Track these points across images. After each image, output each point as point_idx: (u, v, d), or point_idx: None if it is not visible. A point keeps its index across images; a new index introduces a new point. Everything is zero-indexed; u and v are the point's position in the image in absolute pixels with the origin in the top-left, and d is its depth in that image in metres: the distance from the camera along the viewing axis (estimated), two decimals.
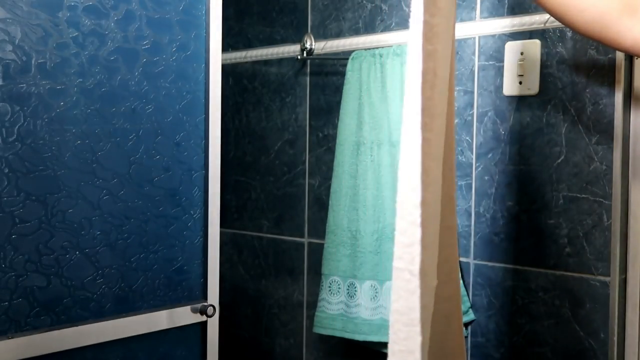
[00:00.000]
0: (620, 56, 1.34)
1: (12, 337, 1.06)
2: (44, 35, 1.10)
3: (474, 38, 1.56)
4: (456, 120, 1.60)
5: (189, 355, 1.34)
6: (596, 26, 1.00)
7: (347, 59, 1.71)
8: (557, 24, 1.43)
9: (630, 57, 1.35)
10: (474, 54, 1.56)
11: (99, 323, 1.18)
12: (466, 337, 1.59)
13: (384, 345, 1.62)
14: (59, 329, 1.12)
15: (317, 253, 1.87)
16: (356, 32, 1.78)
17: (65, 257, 1.14)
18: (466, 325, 1.59)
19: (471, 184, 1.57)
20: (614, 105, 1.36)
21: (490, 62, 1.54)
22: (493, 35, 1.53)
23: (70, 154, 1.14)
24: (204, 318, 1.34)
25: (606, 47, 1.26)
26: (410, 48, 0.79)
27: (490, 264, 1.55)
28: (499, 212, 1.53)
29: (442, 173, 0.88)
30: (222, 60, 1.63)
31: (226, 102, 2.04)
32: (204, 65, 1.33)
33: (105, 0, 1.18)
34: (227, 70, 2.09)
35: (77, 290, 1.16)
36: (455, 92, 1.60)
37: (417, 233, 0.76)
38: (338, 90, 1.79)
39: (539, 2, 1.04)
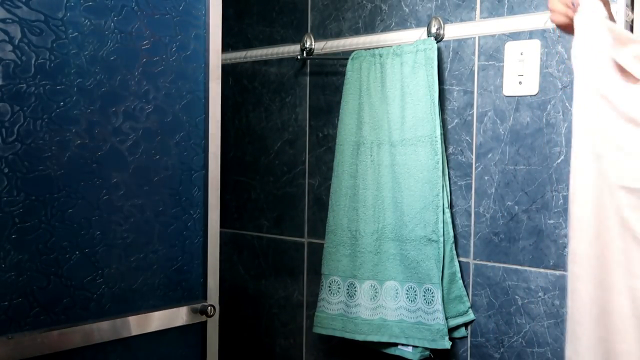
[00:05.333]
0: None
1: (12, 337, 1.06)
2: (44, 35, 1.10)
3: (474, 38, 1.56)
4: (456, 120, 1.60)
5: (189, 355, 1.34)
6: None
7: (347, 59, 1.71)
8: None
9: None
10: (474, 54, 1.56)
11: (99, 323, 1.17)
12: (466, 337, 1.59)
13: (384, 345, 1.62)
14: (59, 329, 1.12)
15: (317, 253, 1.87)
16: (356, 32, 1.78)
17: (65, 257, 1.14)
18: (466, 325, 1.59)
19: (471, 184, 1.57)
20: None
21: (490, 62, 1.54)
22: (493, 35, 1.53)
23: (70, 154, 1.14)
24: (204, 318, 1.34)
25: None
26: None
27: (490, 264, 1.55)
28: (499, 212, 1.53)
29: None
30: (222, 60, 1.63)
31: (226, 102, 2.04)
32: (203, 65, 1.33)
33: (105, 0, 1.18)
34: (227, 70, 2.09)
35: (77, 290, 1.16)
36: (455, 92, 1.60)
37: None
38: (338, 90, 1.79)
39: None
